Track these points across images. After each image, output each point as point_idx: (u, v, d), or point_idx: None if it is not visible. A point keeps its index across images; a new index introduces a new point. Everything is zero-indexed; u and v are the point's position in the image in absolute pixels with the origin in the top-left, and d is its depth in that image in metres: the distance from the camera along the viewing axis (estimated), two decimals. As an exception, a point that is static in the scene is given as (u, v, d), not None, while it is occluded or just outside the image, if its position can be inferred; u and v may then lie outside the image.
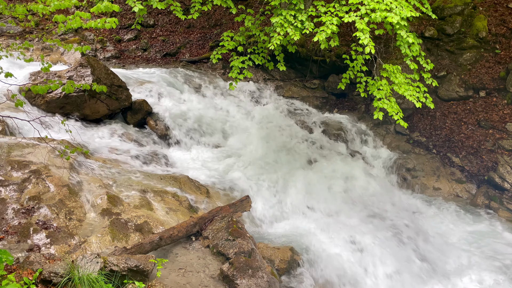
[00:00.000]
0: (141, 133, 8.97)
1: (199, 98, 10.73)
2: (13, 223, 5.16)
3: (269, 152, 9.37)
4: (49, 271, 4.16)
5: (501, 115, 9.88)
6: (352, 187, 8.86)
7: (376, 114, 6.62)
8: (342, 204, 8.15)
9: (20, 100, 5.04)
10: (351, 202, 8.28)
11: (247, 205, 6.74)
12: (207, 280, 4.95)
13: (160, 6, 6.47)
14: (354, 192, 8.70)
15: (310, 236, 7.01)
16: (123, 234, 5.51)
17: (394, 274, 6.61)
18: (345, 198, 8.34)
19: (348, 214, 7.87)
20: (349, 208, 8.10)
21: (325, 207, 7.97)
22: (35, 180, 5.81)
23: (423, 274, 6.74)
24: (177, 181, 7.35)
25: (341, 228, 7.38)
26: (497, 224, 8.24)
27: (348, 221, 7.66)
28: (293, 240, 6.78)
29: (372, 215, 7.98)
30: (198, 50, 13.95)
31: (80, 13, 4.58)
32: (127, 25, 15.11)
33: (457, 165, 9.71)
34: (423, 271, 6.80)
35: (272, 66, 7.44)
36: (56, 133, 7.63)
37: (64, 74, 8.68)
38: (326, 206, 8.00)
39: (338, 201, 8.19)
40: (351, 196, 8.47)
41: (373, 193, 8.80)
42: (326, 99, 12.06)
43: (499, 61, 10.43)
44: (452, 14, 11.13)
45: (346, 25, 9.60)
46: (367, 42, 5.95)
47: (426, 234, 7.63)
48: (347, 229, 7.38)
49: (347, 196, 8.41)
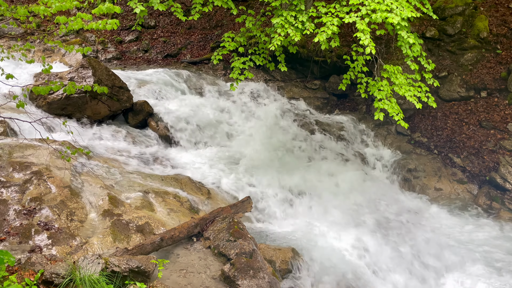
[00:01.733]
0: (142, 134, 8.98)
1: (200, 99, 10.74)
2: (14, 224, 5.17)
3: (270, 152, 9.38)
4: (51, 272, 4.17)
5: (503, 116, 9.87)
6: (353, 187, 8.85)
7: (377, 115, 6.62)
8: (343, 204, 8.14)
9: (21, 102, 5.05)
10: (353, 203, 8.27)
11: (248, 206, 6.74)
12: (208, 281, 4.95)
13: (161, 7, 6.48)
14: (355, 192, 8.69)
15: (311, 237, 7.00)
16: (124, 235, 5.51)
17: (396, 275, 6.60)
18: (346, 198, 8.34)
19: (349, 215, 7.86)
20: (350, 208, 8.09)
21: (326, 208, 7.97)
22: (36, 181, 5.82)
23: (425, 275, 6.73)
24: (178, 182, 7.36)
25: (343, 229, 7.38)
26: (499, 225, 8.22)
27: (349, 222, 7.66)
28: (295, 240, 6.78)
29: (373, 216, 7.98)
30: (199, 51, 13.96)
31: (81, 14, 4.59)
32: (128, 26, 15.14)
33: (459, 165, 9.70)
34: (425, 271, 6.78)
35: (273, 66, 7.44)
36: (57, 134, 7.65)
37: (66, 76, 8.70)
38: (327, 206, 8.00)
39: (339, 202, 8.19)
40: (352, 197, 8.46)
41: (374, 194, 8.79)
42: (327, 99, 12.06)
43: (500, 61, 10.42)
44: (453, 14, 11.12)
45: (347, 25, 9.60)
46: (368, 43, 5.95)
47: (428, 235, 7.61)
48: (349, 229, 7.37)
49: (348, 196, 8.41)
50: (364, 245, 7.02)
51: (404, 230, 7.65)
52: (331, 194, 8.36)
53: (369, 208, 8.24)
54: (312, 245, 6.71)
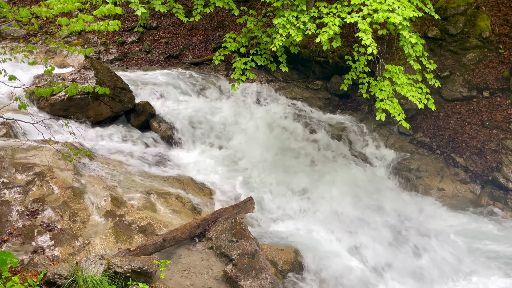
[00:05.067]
0: (144, 135, 8.99)
1: (202, 100, 10.74)
2: (17, 225, 5.19)
3: (272, 153, 9.37)
4: (53, 272, 4.18)
5: (505, 115, 9.84)
6: (355, 188, 8.84)
7: (379, 115, 6.61)
8: (345, 205, 8.13)
9: (23, 103, 5.07)
10: (355, 203, 8.25)
11: (250, 207, 6.74)
12: (210, 282, 4.95)
13: (162, 9, 6.49)
14: (357, 193, 8.67)
15: (313, 237, 7.00)
16: (126, 235, 5.52)
17: (398, 276, 6.59)
18: (348, 199, 8.32)
19: (351, 215, 7.85)
20: (352, 209, 8.08)
21: (328, 208, 7.95)
22: (39, 182, 5.84)
23: (427, 276, 6.71)
24: (181, 182, 7.36)
25: (345, 229, 7.37)
26: (502, 225, 8.19)
27: (351, 222, 7.64)
28: (297, 241, 6.76)
29: (375, 216, 7.96)
30: (200, 52, 13.97)
31: (83, 16, 4.60)
32: (130, 28, 15.16)
33: (461, 165, 9.67)
34: (427, 272, 6.76)
35: (275, 67, 7.44)
36: (60, 136, 7.67)
37: (68, 77, 8.72)
38: (329, 207, 7.99)
39: (341, 202, 8.17)
40: (354, 197, 8.44)
41: (376, 194, 8.77)
42: (329, 100, 12.05)
43: (503, 61, 10.40)
44: (455, 14, 11.10)
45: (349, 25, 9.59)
46: (370, 43, 5.95)
47: (430, 235, 7.59)
48: (351, 230, 7.36)
49: (350, 197, 8.39)
50: (367, 246, 7.01)
51: (406, 230, 7.63)
52: (333, 195, 8.34)
53: (372, 208, 8.22)
54: (314, 246, 6.70)
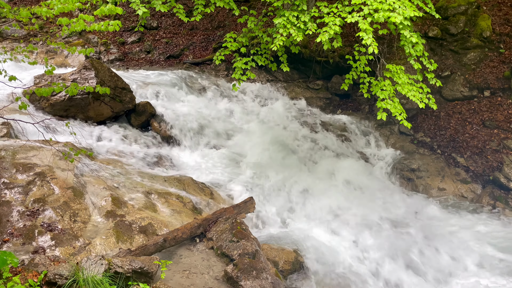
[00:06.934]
0: (145, 135, 8.99)
1: (203, 100, 10.74)
2: (18, 226, 5.19)
3: (273, 153, 9.36)
4: (54, 273, 4.18)
5: (506, 115, 9.83)
6: (356, 188, 8.84)
7: (380, 115, 6.61)
8: (346, 205, 8.12)
9: (24, 103, 5.07)
10: (356, 203, 8.25)
11: (251, 207, 6.74)
12: (211, 282, 4.95)
13: (163, 8, 6.49)
14: (358, 193, 8.67)
15: (314, 237, 6.99)
16: (127, 236, 5.52)
17: (398, 275, 6.58)
18: (349, 199, 8.31)
19: (353, 215, 7.84)
20: (353, 209, 8.07)
21: (329, 208, 7.95)
22: (39, 183, 5.84)
23: (427, 275, 6.70)
24: (181, 182, 7.36)
25: (346, 229, 7.37)
26: (503, 225, 8.18)
27: (352, 222, 7.64)
28: (298, 241, 6.76)
29: (376, 216, 7.95)
30: (201, 52, 13.97)
31: (83, 16, 4.60)
32: (131, 28, 15.16)
33: (462, 165, 9.66)
34: (427, 272, 6.76)
35: (275, 67, 7.43)
36: (60, 136, 7.67)
37: (68, 77, 8.72)
38: (330, 207, 7.98)
39: (342, 202, 8.16)
40: (355, 197, 8.44)
41: (377, 194, 8.77)
42: (329, 99, 12.04)
43: (504, 60, 10.38)
44: (456, 13, 11.08)
45: (349, 25, 9.59)
46: (370, 42, 5.94)
47: (431, 235, 7.58)
48: (352, 230, 7.36)
49: (351, 197, 8.39)
50: (368, 247, 7.00)
51: (407, 230, 7.63)
52: (334, 195, 8.34)
53: (373, 208, 8.21)
54: (315, 245, 6.70)
